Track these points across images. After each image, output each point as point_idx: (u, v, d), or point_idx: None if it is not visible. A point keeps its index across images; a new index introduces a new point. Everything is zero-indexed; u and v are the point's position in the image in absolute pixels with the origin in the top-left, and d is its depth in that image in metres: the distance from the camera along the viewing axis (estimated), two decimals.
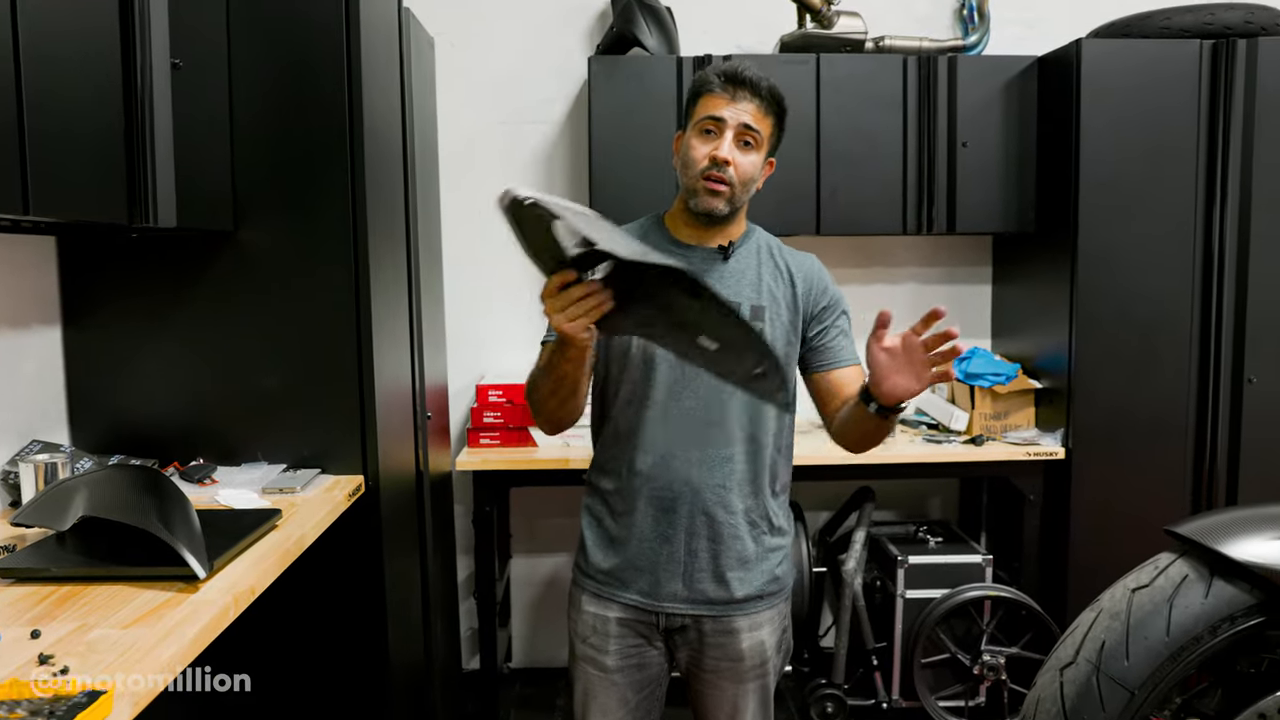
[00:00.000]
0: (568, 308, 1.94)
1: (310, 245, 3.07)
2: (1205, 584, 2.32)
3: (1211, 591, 2.31)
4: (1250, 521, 2.39)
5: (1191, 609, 2.30)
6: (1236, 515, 2.55)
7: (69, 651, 1.74)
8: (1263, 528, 2.34)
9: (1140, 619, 2.32)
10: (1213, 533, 2.36)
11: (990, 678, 4.11)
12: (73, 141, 2.24)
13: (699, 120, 2.38)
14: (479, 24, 4.60)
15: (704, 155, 2.36)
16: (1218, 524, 2.41)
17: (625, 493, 2.46)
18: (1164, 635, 2.29)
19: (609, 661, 2.51)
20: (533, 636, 5.00)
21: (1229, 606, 2.29)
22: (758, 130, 2.36)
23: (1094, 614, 2.42)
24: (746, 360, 1.97)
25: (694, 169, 2.37)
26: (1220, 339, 4.06)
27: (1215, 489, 4.12)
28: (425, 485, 3.77)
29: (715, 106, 2.35)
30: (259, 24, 3.01)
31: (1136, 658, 2.29)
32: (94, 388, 3.11)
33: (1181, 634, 2.28)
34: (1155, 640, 2.29)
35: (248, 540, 2.37)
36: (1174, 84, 4.01)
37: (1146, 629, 2.30)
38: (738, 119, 2.34)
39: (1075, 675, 2.34)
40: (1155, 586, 2.36)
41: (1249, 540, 2.31)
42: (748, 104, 2.34)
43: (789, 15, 4.43)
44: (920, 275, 4.87)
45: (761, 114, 2.36)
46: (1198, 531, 2.39)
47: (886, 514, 4.94)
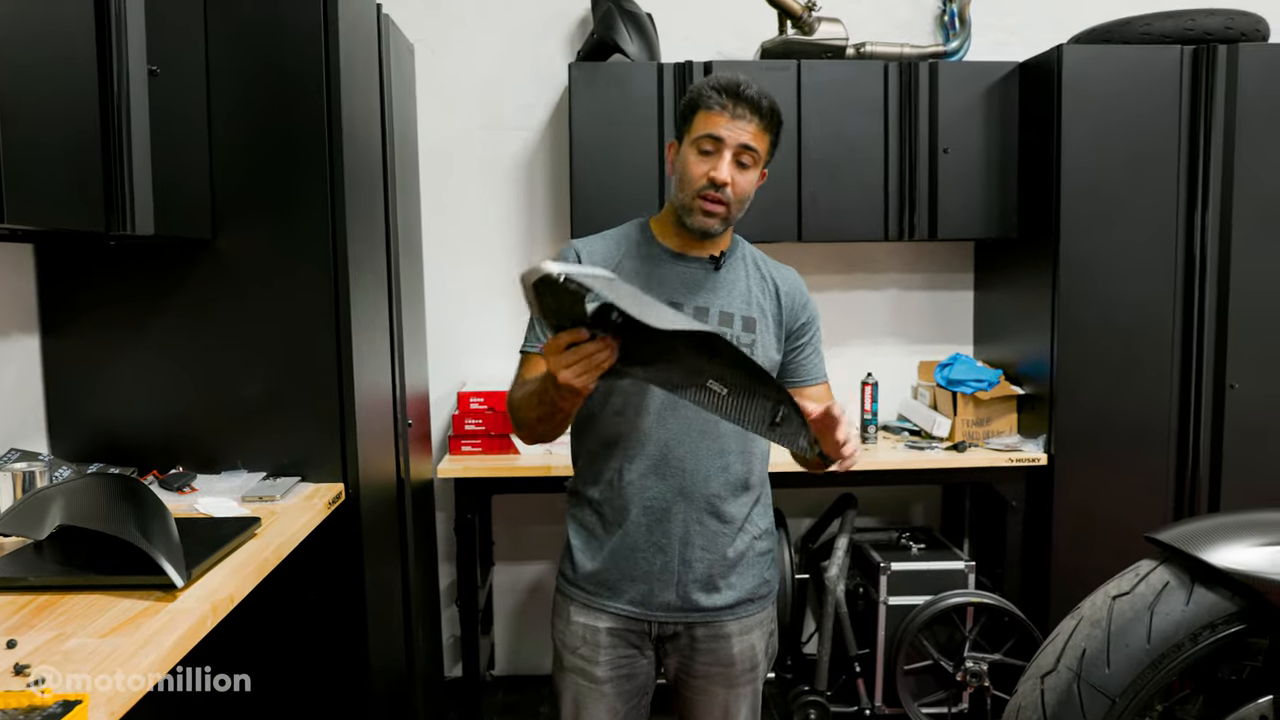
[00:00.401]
0: (574, 364, 1.93)
1: (289, 252, 3.06)
2: (1186, 591, 2.32)
3: (1192, 599, 2.31)
4: (1231, 528, 2.40)
5: (1172, 616, 2.30)
6: (1217, 522, 2.56)
7: (45, 661, 1.73)
8: (1244, 534, 2.35)
9: (1121, 626, 2.32)
10: (1194, 540, 2.36)
11: (973, 684, 4.11)
12: (48, 150, 2.22)
13: (697, 137, 2.35)
14: (459, 30, 4.59)
15: (702, 175, 2.33)
16: (1199, 531, 2.41)
17: (616, 502, 2.45)
18: (1145, 643, 2.29)
19: (599, 672, 2.49)
20: (516, 644, 4.98)
21: (1210, 614, 2.30)
22: (756, 149, 2.34)
23: (1075, 621, 2.42)
24: (760, 405, 1.95)
25: (690, 187, 2.36)
26: (1202, 344, 4.07)
27: (1197, 495, 4.13)
28: (406, 493, 3.75)
29: (714, 124, 2.32)
30: (237, 31, 2.99)
31: (1117, 665, 2.29)
32: (73, 396, 3.10)
33: (1162, 641, 2.29)
34: (1136, 648, 2.29)
35: (226, 549, 2.36)
36: (1155, 90, 4.02)
37: (1127, 636, 2.31)
38: (737, 139, 2.31)
39: (1056, 683, 2.35)
40: (1136, 594, 2.36)
41: (1230, 547, 2.31)
42: (747, 123, 2.32)
43: (770, 21, 4.43)
44: (902, 281, 4.88)
45: (760, 132, 2.34)
46: (1179, 538, 2.39)
47: (869, 520, 4.94)
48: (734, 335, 2.40)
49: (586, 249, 2.52)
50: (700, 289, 2.43)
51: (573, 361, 1.93)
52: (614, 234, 2.56)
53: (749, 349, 2.41)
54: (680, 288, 2.43)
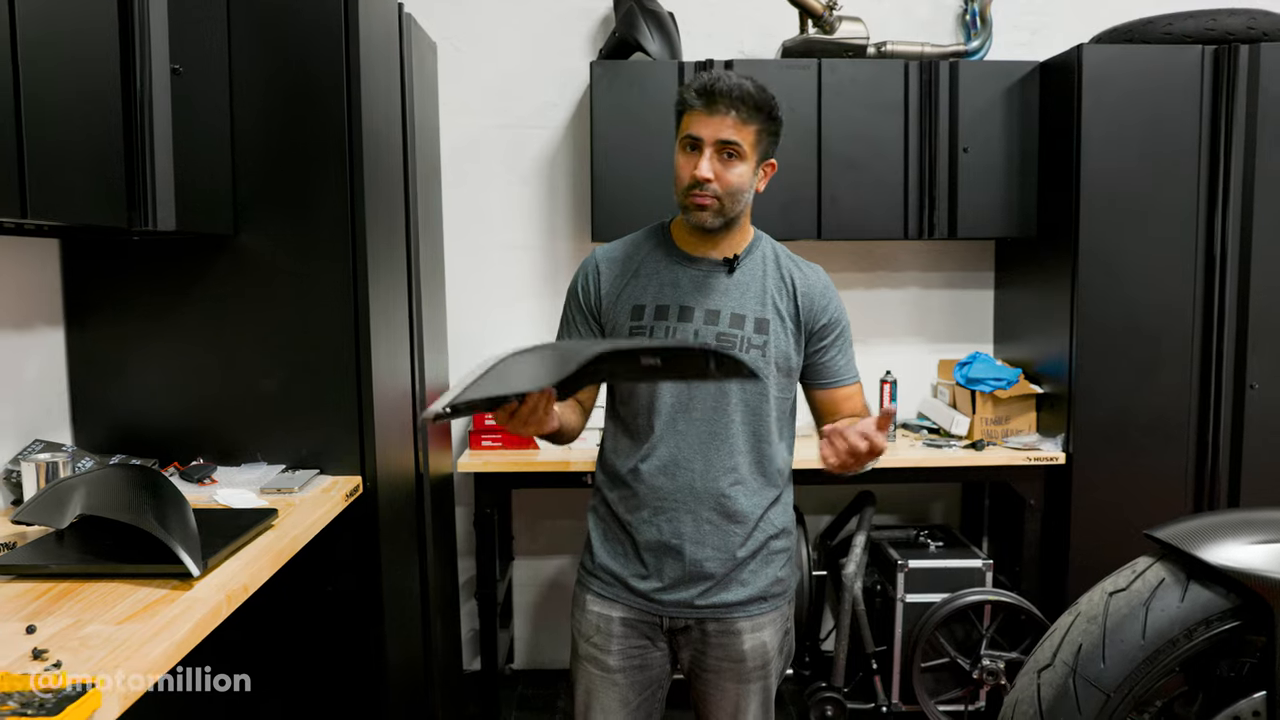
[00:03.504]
0: (515, 423, 2.15)
1: (308, 247, 3.09)
2: (1182, 588, 2.33)
3: (1188, 595, 2.32)
4: (1227, 526, 2.40)
5: (1168, 613, 2.31)
6: (1214, 520, 2.56)
7: (63, 646, 1.76)
8: (1240, 532, 2.35)
9: (1117, 622, 2.33)
10: (1190, 537, 2.37)
11: (990, 682, 4.11)
12: (71, 146, 2.26)
13: (681, 138, 2.41)
14: (482, 28, 4.62)
15: (687, 174, 2.39)
16: (1195, 528, 2.42)
17: (632, 497, 2.49)
18: (1140, 639, 2.30)
19: (611, 661, 2.53)
20: (535, 638, 5.01)
21: (1205, 610, 2.30)
22: (737, 142, 2.36)
23: (1071, 617, 2.43)
24: (693, 360, 2.11)
25: (680, 187, 2.42)
26: (1222, 344, 4.06)
27: (1217, 495, 4.11)
28: (425, 487, 3.78)
29: (693, 124, 2.38)
30: (258, 29, 3.02)
31: (1112, 661, 2.30)
32: (96, 388, 3.14)
33: (1157, 637, 2.30)
34: (1131, 644, 2.30)
35: (243, 539, 2.39)
36: (1176, 90, 4.01)
37: (1123, 632, 2.31)
38: (714, 135, 2.35)
39: (1052, 678, 2.36)
40: (1132, 590, 2.37)
41: (1225, 545, 2.32)
42: (724, 117, 2.34)
43: (791, 20, 4.44)
44: (923, 280, 4.88)
45: (740, 123, 2.36)
46: (1175, 536, 2.40)
47: (888, 518, 4.95)
48: (745, 337, 2.44)
49: (607, 256, 2.59)
50: (712, 291, 2.47)
51: (518, 424, 2.15)
52: (634, 238, 2.62)
53: (760, 350, 2.44)
54: (693, 290, 2.47)
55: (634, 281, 2.52)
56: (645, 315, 2.47)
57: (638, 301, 2.49)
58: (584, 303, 2.57)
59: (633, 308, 2.49)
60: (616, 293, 2.53)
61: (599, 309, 2.55)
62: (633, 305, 2.49)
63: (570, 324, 2.60)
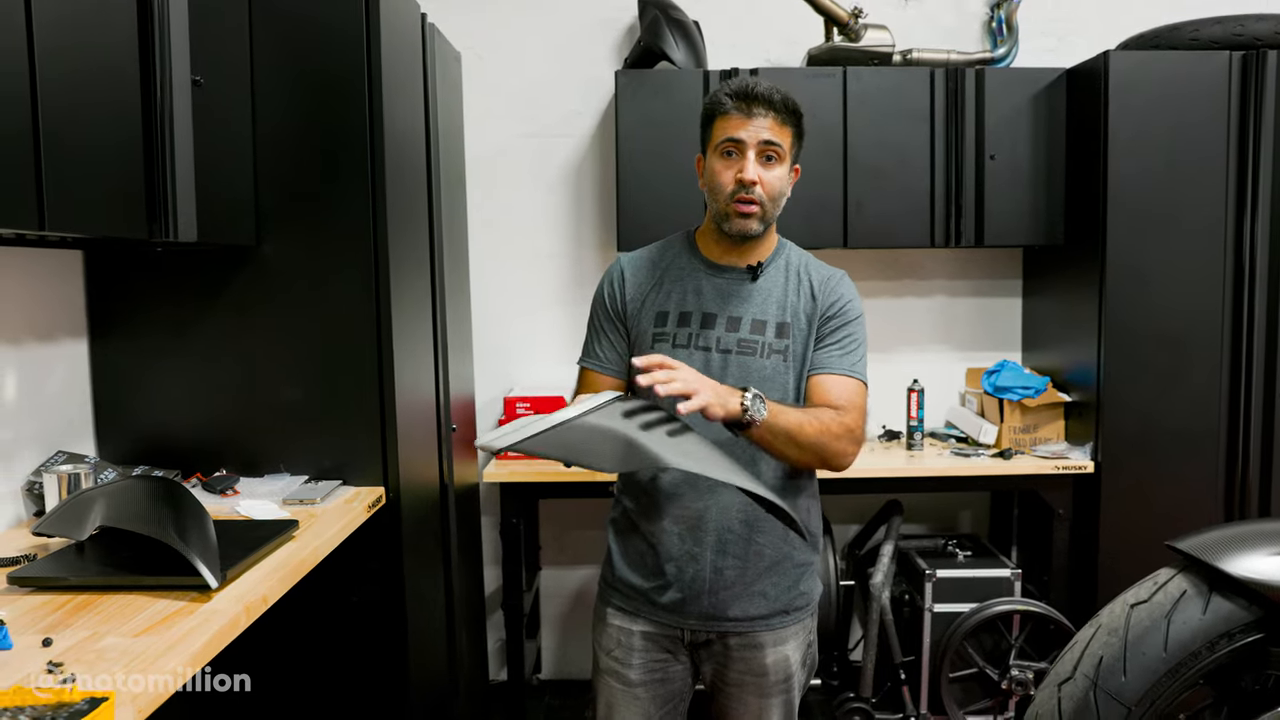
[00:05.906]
0: None
1: (331, 257, 3.09)
2: (1204, 600, 2.29)
3: (1210, 608, 2.28)
4: (1250, 537, 2.36)
5: (1189, 625, 2.27)
6: (1237, 530, 2.52)
7: (78, 659, 1.77)
8: (1262, 544, 2.31)
9: (1138, 635, 2.30)
10: (1212, 548, 2.33)
11: (1018, 692, 4.08)
12: (90, 158, 2.26)
13: (719, 143, 2.38)
14: (507, 39, 4.63)
15: (730, 179, 2.36)
16: (1217, 539, 2.38)
17: (652, 509, 2.47)
18: (1161, 651, 2.26)
19: (632, 675, 2.52)
20: (562, 648, 5.01)
21: (1227, 623, 2.27)
22: (778, 143, 2.36)
23: (1093, 629, 2.40)
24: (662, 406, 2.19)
25: (722, 193, 2.38)
26: (1251, 352, 4.02)
27: (1247, 504, 4.06)
28: (450, 497, 3.78)
29: (732, 128, 2.35)
30: (280, 40, 3.04)
31: (1134, 674, 2.27)
32: (120, 399, 3.15)
33: (1179, 650, 2.26)
34: (1153, 656, 2.27)
35: (263, 551, 2.39)
36: (1203, 96, 3.98)
37: (1144, 645, 2.28)
38: (756, 136, 2.34)
39: (1073, 691, 2.32)
40: (1154, 602, 2.33)
41: (1248, 556, 2.28)
42: (763, 119, 2.34)
43: (816, 28, 4.43)
44: (949, 288, 4.86)
45: (779, 125, 2.36)
46: (1197, 547, 2.36)
47: (916, 527, 4.92)
48: (765, 343, 2.42)
49: (632, 264, 2.58)
50: (734, 299, 2.45)
51: None
52: (659, 246, 2.61)
53: (780, 355, 2.42)
54: (716, 298, 2.46)
55: (659, 289, 2.51)
56: (669, 322, 2.46)
57: (661, 308, 2.48)
58: (610, 309, 2.56)
59: (656, 314, 2.48)
60: (641, 299, 2.52)
61: (624, 314, 2.54)
62: (657, 312, 2.48)
63: (598, 330, 2.59)
